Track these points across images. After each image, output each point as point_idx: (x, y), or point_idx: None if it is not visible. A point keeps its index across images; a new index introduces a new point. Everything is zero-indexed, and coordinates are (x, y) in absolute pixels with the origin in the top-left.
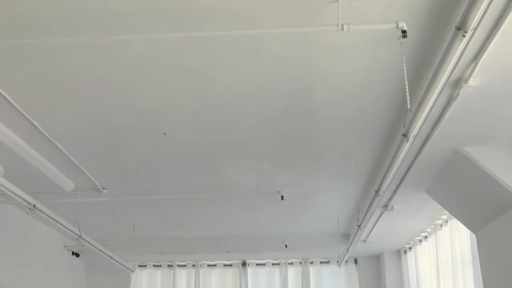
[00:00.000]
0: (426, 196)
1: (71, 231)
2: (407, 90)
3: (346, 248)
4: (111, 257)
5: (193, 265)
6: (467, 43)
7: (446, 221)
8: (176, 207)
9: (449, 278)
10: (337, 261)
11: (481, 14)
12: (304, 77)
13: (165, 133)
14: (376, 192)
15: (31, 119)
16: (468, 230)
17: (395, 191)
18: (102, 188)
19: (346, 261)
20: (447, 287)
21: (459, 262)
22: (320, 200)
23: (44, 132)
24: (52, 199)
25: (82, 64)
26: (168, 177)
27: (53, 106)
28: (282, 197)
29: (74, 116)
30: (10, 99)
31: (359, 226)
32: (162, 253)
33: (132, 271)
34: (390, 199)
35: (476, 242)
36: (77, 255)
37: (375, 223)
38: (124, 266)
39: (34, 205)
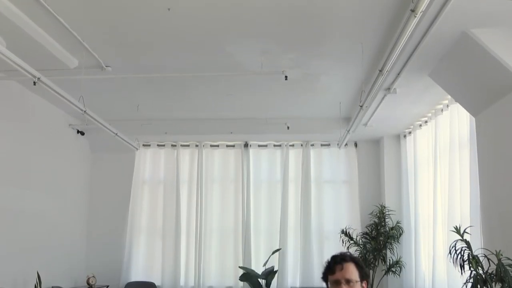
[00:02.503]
0: (429, 80)
1: (76, 106)
2: None
3: (347, 129)
4: (116, 134)
5: (196, 145)
6: None
7: (447, 105)
8: (180, 87)
9: (446, 161)
10: (338, 144)
11: None
12: None
13: (169, 9)
14: (380, 71)
15: None
16: (468, 115)
17: (398, 74)
18: (106, 66)
19: (346, 144)
20: (443, 170)
21: (456, 145)
22: (323, 83)
23: (47, 5)
24: (56, 76)
25: None
26: (172, 56)
27: None
28: (286, 77)
29: None
30: None
31: (361, 106)
32: (166, 133)
33: (137, 149)
34: (393, 82)
35: (475, 126)
36: (82, 133)
37: (377, 107)
38: (129, 143)
39: (38, 78)
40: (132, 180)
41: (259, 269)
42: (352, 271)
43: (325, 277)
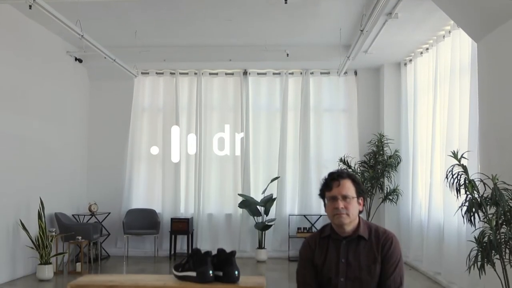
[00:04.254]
0: (431, 5)
1: (73, 30)
2: None
3: (347, 56)
4: (114, 60)
5: (195, 73)
6: None
7: (449, 31)
8: (179, 11)
9: (446, 88)
10: (337, 72)
11: None
12: None
13: None
14: None
15: None
16: (469, 41)
17: None
18: None
19: (346, 72)
20: (443, 97)
21: (457, 72)
22: (324, 7)
23: None
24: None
25: None
26: None
27: None
28: (285, 0)
29: None
30: None
31: (361, 31)
32: (164, 60)
33: (136, 76)
34: (395, 6)
35: (476, 52)
36: (80, 61)
37: (378, 33)
38: (127, 70)
39: (34, 0)
40: (131, 108)
41: (258, 197)
42: (348, 187)
43: (322, 194)
